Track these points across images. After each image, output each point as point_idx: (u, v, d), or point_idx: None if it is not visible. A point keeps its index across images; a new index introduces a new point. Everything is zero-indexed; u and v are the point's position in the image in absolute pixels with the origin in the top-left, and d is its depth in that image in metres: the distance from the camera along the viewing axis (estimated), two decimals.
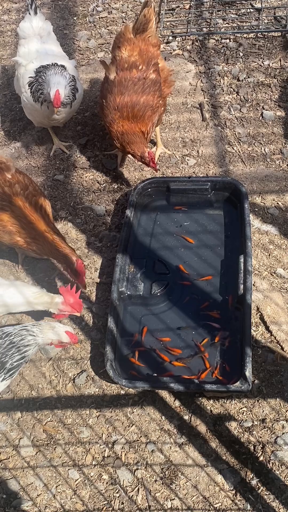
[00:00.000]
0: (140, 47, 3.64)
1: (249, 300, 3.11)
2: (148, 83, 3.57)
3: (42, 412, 3.07)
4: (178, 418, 2.99)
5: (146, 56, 3.63)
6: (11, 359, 2.71)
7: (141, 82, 3.55)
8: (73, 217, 3.86)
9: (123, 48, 3.65)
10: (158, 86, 3.65)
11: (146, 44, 3.66)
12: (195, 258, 3.49)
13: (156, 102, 3.61)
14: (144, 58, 3.62)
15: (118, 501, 2.78)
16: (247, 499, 2.73)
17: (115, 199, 3.93)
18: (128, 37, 3.67)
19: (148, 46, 3.67)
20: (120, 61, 3.62)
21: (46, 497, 2.82)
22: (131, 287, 3.38)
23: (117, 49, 3.69)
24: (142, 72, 3.59)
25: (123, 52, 3.64)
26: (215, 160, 4.06)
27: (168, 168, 4.05)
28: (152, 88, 3.59)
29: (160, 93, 3.68)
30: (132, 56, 3.61)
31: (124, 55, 3.63)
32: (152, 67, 3.63)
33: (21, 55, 3.98)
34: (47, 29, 4.04)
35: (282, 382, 3.06)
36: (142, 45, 3.65)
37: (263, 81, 4.49)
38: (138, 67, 3.59)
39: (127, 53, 3.63)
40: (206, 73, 4.60)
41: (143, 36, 3.67)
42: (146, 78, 3.58)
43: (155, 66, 3.66)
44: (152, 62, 3.65)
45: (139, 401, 3.06)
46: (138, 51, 3.62)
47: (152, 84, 3.59)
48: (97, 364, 3.20)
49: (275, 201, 3.81)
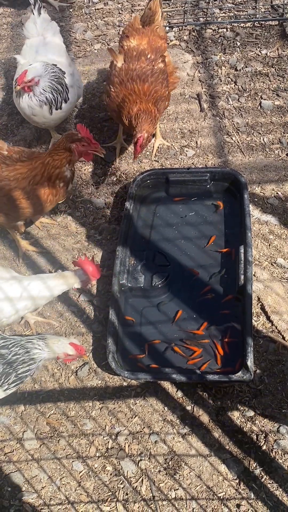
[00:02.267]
0: (149, 36, 3.67)
1: (249, 291, 3.11)
2: (156, 71, 3.57)
3: (45, 405, 3.08)
4: (181, 408, 3.01)
5: (155, 46, 3.66)
6: (15, 371, 2.71)
7: (150, 69, 3.55)
8: (72, 210, 3.86)
9: (131, 37, 3.66)
10: (166, 76, 3.66)
11: (154, 35, 3.70)
12: (195, 249, 3.50)
13: (163, 92, 3.60)
14: (153, 48, 3.64)
15: (123, 492, 2.80)
16: (251, 488, 2.74)
17: (114, 192, 3.93)
18: (137, 27, 3.72)
19: (156, 38, 3.70)
20: (129, 49, 3.64)
21: (51, 489, 2.84)
22: (132, 279, 3.38)
23: (126, 39, 3.69)
24: (151, 60, 3.59)
25: (131, 41, 3.66)
26: (214, 151, 4.05)
27: (167, 160, 4.04)
28: (161, 76, 3.59)
29: (167, 83, 3.68)
30: (141, 45, 3.64)
31: (132, 44, 3.65)
32: (160, 57, 3.65)
33: (22, 53, 3.96)
34: (52, 29, 3.98)
35: (283, 371, 3.07)
36: (151, 35, 3.69)
37: (261, 70, 4.47)
38: (147, 55, 3.60)
39: (135, 42, 3.65)
40: (203, 63, 4.58)
41: (151, 27, 3.73)
42: (154, 66, 3.58)
43: (162, 57, 3.68)
44: (160, 53, 3.66)
45: (141, 392, 3.07)
46: (147, 40, 3.65)
47: (160, 72, 3.59)
48: (99, 357, 3.21)
49: (275, 191, 3.80)
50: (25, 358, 2.71)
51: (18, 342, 2.74)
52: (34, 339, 2.78)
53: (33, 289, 2.98)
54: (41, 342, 2.77)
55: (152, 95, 3.52)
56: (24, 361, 2.71)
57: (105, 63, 4.60)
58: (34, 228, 3.78)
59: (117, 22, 5.00)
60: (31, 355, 2.73)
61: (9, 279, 3.00)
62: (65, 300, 3.44)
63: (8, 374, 2.69)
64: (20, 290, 2.96)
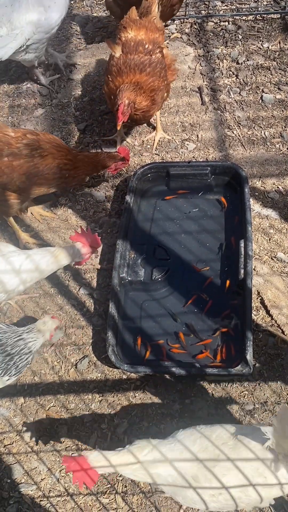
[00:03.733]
0: (147, 27, 3.67)
1: (249, 285, 3.11)
2: (154, 60, 3.56)
3: (45, 398, 3.09)
4: (180, 402, 3.01)
5: (153, 37, 3.65)
6: (14, 367, 2.76)
7: (148, 58, 3.54)
8: (73, 203, 3.86)
9: (129, 28, 3.65)
10: (163, 66, 3.65)
11: (152, 26, 3.70)
12: (195, 243, 3.50)
13: (160, 82, 3.60)
14: (151, 38, 3.64)
15: (121, 484, 2.81)
16: None
17: (114, 185, 3.92)
18: (134, 19, 3.71)
19: (154, 29, 3.70)
20: (126, 40, 3.63)
21: (50, 481, 2.85)
22: (132, 273, 3.38)
23: (123, 30, 3.68)
24: (148, 50, 3.58)
25: (129, 32, 3.65)
26: (214, 145, 4.04)
27: (168, 153, 4.03)
28: (159, 66, 3.58)
29: (165, 74, 3.67)
30: (138, 35, 3.64)
31: (130, 35, 3.64)
32: (158, 48, 3.64)
33: None
34: None
35: (283, 365, 3.08)
36: (148, 26, 3.68)
37: (263, 64, 4.45)
38: (145, 45, 3.59)
39: (133, 33, 3.64)
40: (205, 56, 4.56)
41: (148, 18, 3.72)
42: (152, 56, 3.58)
43: (160, 48, 3.67)
44: (158, 44, 3.66)
45: (141, 385, 3.08)
46: (145, 31, 3.65)
47: (158, 62, 3.59)
48: (99, 350, 3.22)
49: (275, 185, 3.80)
50: (21, 354, 2.76)
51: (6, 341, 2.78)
52: (23, 334, 2.81)
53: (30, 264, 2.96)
54: (32, 335, 2.80)
55: (149, 84, 3.52)
56: (21, 356, 2.76)
57: (106, 56, 4.58)
58: (34, 221, 3.78)
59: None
60: (26, 350, 2.78)
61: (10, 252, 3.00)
62: (65, 293, 3.44)
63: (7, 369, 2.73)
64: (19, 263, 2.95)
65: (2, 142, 3.25)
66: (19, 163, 3.26)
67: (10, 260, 2.92)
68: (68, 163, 3.38)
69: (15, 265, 2.92)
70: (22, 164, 3.26)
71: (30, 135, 3.32)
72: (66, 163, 3.38)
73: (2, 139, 3.26)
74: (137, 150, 4.06)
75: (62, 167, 3.36)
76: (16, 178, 3.28)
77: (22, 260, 2.93)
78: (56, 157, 3.34)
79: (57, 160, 3.34)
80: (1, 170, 3.25)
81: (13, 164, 3.25)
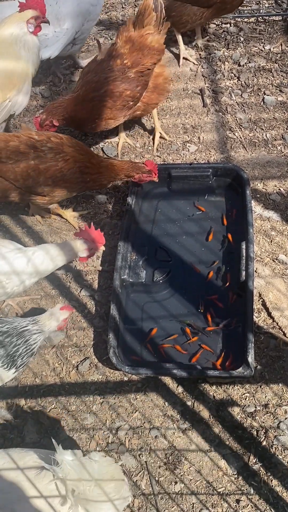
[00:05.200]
0: (134, 41, 3.48)
1: (251, 287, 3.11)
2: (121, 77, 3.47)
3: (46, 399, 3.09)
4: (181, 404, 3.01)
5: (136, 55, 3.48)
6: (21, 358, 2.74)
7: (119, 73, 3.48)
8: (74, 205, 3.86)
9: (120, 36, 3.56)
10: (134, 85, 3.50)
11: (141, 42, 3.48)
12: (197, 245, 3.49)
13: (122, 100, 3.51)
14: (134, 56, 3.48)
15: None
16: (250, 484, 2.75)
17: (116, 187, 3.92)
18: (128, 29, 3.54)
19: (143, 46, 3.48)
20: (112, 47, 3.58)
21: None
22: (133, 274, 3.38)
23: (116, 36, 3.64)
24: (124, 66, 3.49)
25: (118, 40, 3.57)
26: (216, 146, 4.04)
27: (169, 155, 4.04)
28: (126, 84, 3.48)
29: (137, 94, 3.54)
30: (123, 48, 3.52)
31: (118, 44, 3.55)
32: (139, 68, 3.49)
33: None
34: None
35: (284, 367, 3.07)
36: (137, 41, 3.48)
37: (264, 66, 4.46)
38: (124, 60, 3.49)
39: (120, 43, 3.54)
40: (206, 58, 4.57)
41: (141, 32, 3.49)
42: (124, 74, 3.48)
43: (142, 69, 3.50)
44: (140, 64, 3.49)
45: (142, 387, 3.08)
46: (130, 46, 3.50)
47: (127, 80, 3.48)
48: (100, 351, 3.22)
49: (277, 187, 3.80)
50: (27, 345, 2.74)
51: (12, 332, 2.76)
52: (28, 325, 2.78)
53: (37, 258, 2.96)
54: (37, 326, 2.78)
55: (102, 99, 3.48)
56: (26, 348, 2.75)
57: None
58: (36, 223, 3.78)
59: (120, 16, 4.98)
60: (32, 341, 2.75)
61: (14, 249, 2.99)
62: (67, 295, 3.44)
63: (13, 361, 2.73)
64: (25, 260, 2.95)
65: (28, 146, 3.26)
66: (45, 166, 3.28)
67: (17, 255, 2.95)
68: (91, 167, 3.38)
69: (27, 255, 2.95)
70: (48, 168, 3.28)
71: (54, 138, 3.32)
72: (89, 167, 3.38)
73: (28, 143, 3.27)
74: (139, 152, 4.06)
75: (83, 171, 3.36)
76: (42, 182, 3.30)
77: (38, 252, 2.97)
78: (78, 161, 3.34)
79: (78, 163, 3.33)
80: (28, 173, 3.27)
81: (40, 167, 3.27)
